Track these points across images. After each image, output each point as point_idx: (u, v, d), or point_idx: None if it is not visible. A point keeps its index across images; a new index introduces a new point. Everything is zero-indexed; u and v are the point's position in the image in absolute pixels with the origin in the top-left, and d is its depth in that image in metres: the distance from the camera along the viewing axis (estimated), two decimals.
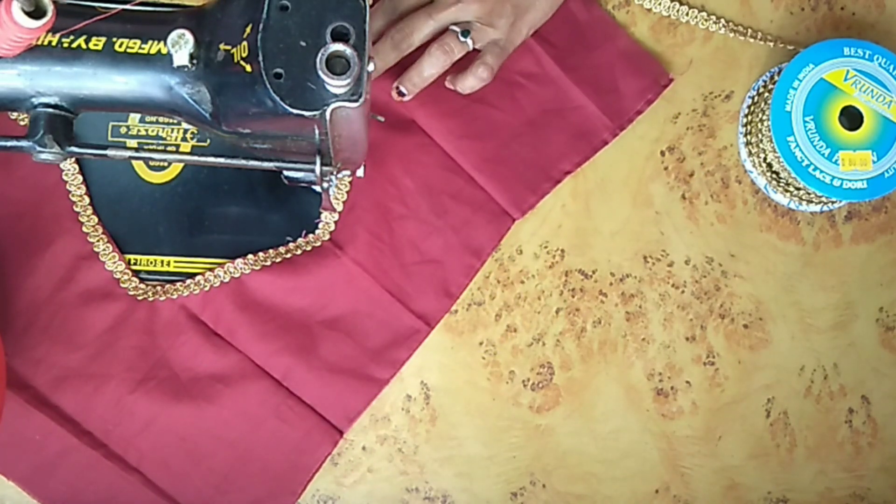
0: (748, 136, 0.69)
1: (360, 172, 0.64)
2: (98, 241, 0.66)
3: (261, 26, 0.45)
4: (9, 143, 0.50)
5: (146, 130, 0.68)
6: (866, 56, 0.66)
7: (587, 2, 0.70)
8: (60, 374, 0.65)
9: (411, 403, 0.68)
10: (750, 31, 0.71)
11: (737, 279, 0.70)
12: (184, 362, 0.65)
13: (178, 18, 0.49)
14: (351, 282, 0.66)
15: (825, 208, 0.70)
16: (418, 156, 0.68)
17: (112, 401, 0.65)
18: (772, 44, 0.71)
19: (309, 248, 0.67)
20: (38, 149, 0.49)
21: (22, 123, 0.66)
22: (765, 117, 0.67)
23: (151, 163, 0.68)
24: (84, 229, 0.66)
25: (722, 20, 0.71)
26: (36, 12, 0.40)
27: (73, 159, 0.65)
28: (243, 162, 0.54)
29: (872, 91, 0.65)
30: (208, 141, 0.69)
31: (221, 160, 0.54)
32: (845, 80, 0.65)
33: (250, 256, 0.66)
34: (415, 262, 0.67)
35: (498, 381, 0.68)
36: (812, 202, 0.69)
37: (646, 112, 0.71)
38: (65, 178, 0.66)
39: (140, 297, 0.66)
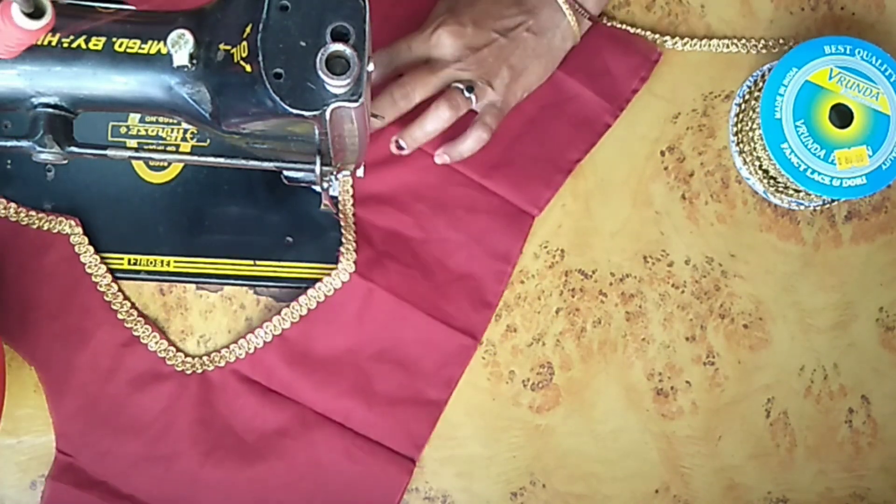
0: (741, 145, 0.69)
1: (360, 173, 0.64)
2: (136, 325, 0.66)
3: (261, 26, 0.45)
4: (9, 144, 0.50)
5: (146, 130, 0.68)
6: (847, 51, 0.66)
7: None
8: (129, 462, 0.65)
9: None
10: (735, 40, 0.71)
11: (737, 279, 0.70)
12: (246, 424, 0.65)
13: (178, 18, 0.49)
14: (390, 312, 0.66)
15: (826, 205, 0.70)
16: (424, 178, 0.68)
17: (185, 478, 0.65)
18: (764, 49, 0.71)
19: (339, 285, 0.66)
20: (38, 149, 0.49)
21: None
22: (755, 125, 0.67)
23: (151, 163, 0.68)
24: (119, 316, 0.66)
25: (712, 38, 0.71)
26: (35, 13, 0.40)
27: (94, 251, 0.66)
28: (243, 162, 0.54)
29: (858, 86, 0.65)
30: (208, 141, 0.69)
31: (221, 160, 0.54)
32: (830, 78, 0.65)
33: (285, 311, 0.66)
34: (447, 281, 0.67)
35: (498, 381, 0.68)
36: (813, 201, 0.69)
37: (646, 112, 0.71)
38: (88, 270, 0.66)
39: (189, 372, 0.66)
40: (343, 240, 0.66)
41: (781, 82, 0.65)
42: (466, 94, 0.64)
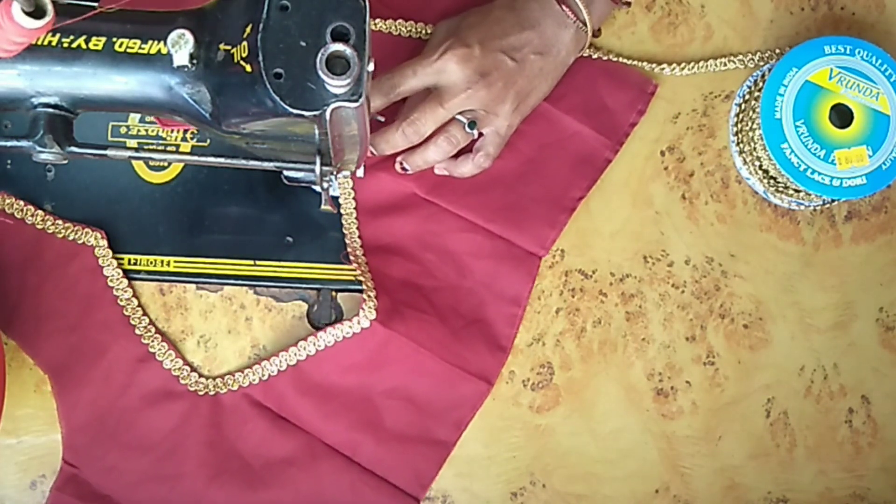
0: (741, 145, 0.69)
1: (360, 173, 0.64)
2: (153, 341, 0.66)
3: (261, 26, 0.45)
4: (9, 144, 0.50)
5: (146, 130, 0.68)
6: (847, 51, 0.66)
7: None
8: (134, 479, 0.65)
9: None
10: (732, 57, 0.71)
11: (737, 279, 0.70)
12: (254, 450, 0.65)
13: (178, 18, 0.49)
14: (408, 357, 0.66)
15: (826, 205, 0.70)
16: (430, 227, 0.68)
17: (189, 499, 0.65)
18: (761, 62, 0.71)
19: (359, 331, 0.66)
20: (38, 149, 0.49)
21: None
22: (755, 125, 0.67)
23: (151, 163, 0.68)
24: (137, 332, 0.66)
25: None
26: (36, 12, 0.40)
27: (117, 265, 0.66)
28: (243, 162, 0.54)
29: (858, 86, 0.65)
30: (208, 141, 0.69)
31: (221, 160, 0.54)
32: (830, 78, 0.65)
33: (302, 343, 0.66)
34: (462, 326, 0.67)
35: (498, 381, 0.68)
36: (814, 202, 0.69)
37: (646, 112, 0.70)
38: (111, 283, 0.66)
39: (202, 392, 0.66)
40: (364, 286, 0.65)
41: (781, 82, 0.65)
42: (468, 129, 0.64)
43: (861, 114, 0.65)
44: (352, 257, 0.67)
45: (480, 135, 0.65)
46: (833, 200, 0.69)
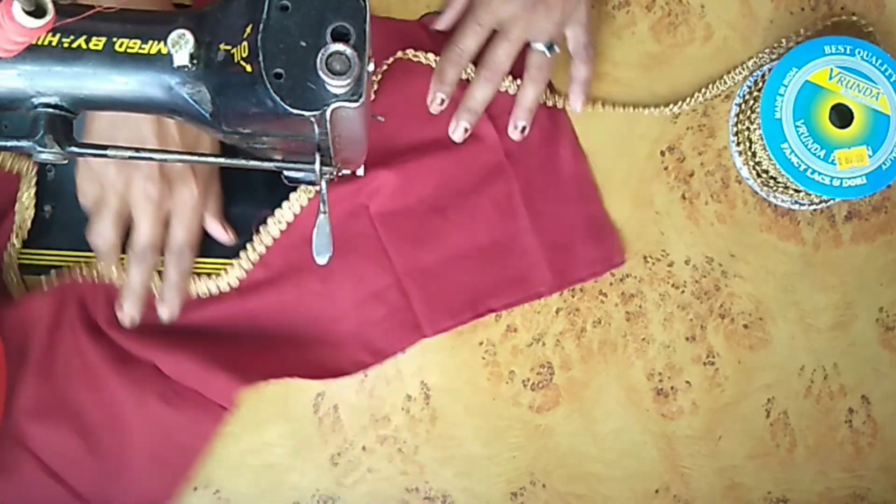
0: (741, 145, 0.69)
1: (360, 172, 0.64)
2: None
3: (261, 26, 0.45)
4: (9, 144, 0.50)
5: None
6: (848, 51, 0.66)
7: (578, 156, 0.70)
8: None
9: (411, 403, 0.68)
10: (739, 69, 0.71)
11: (737, 279, 0.70)
12: (67, 353, 0.64)
13: (178, 18, 0.49)
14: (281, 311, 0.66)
15: (825, 205, 0.70)
16: (356, 244, 0.67)
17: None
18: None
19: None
20: (38, 149, 0.49)
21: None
22: (755, 126, 0.67)
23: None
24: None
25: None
26: (36, 12, 0.40)
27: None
28: (243, 162, 0.54)
29: (858, 86, 0.65)
30: None
31: (221, 160, 0.54)
32: (830, 78, 0.65)
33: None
34: (313, 338, 0.67)
35: (498, 381, 0.68)
36: (814, 202, 0.69)
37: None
38: None
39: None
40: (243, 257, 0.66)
41: (781, 82, 0.65)
42: (548, 53, 0.65)
43: (861, 114, 0.65)
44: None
45: (565, 38, 0.67)
46: (833, 200, 0.69)
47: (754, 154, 0.68)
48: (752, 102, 0.68)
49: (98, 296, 0.65)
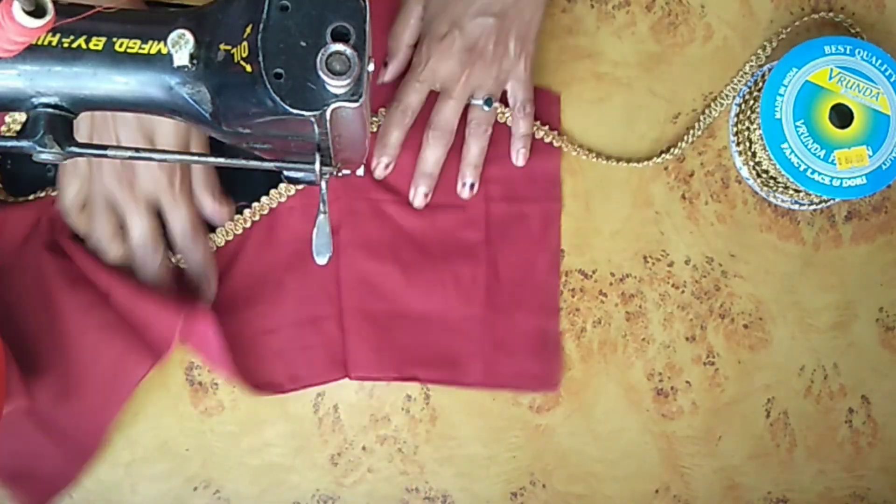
0: (741, 145, 0.69)
1: (359, 172, 0.64)
2: None
3: (261, 26, 0.45)
4: (9, 144, 0.50)
5: None
6: (847, 51, 0.66)
7: (554, 269, 0.68)
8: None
9: (411, 403, 0.68)
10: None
11: (737, 279, 0.70)
12: (27, 267, 0.64)
13: (178, 18, 0.49)
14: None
15: (825, 205, 0.70)
16: (315, 266, 0.65)
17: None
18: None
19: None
20: (38, 149, 0.49)
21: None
22: (755, 126, 0.67)
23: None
24: None
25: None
26: (36, 12, 0.40)
27: None
28: (243, 162, 0.54)
29: (858, 86, 0.65)
30: None
31: (221, 160, 0.54)
32: (830, 78, 0.65)
33: None
34: (243, 341, 0.66)
35: None
36: (814, 202, 0.69)
37: (646, 112, 0.71)
38: None
39: None
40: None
41: (781, 82, 0.65)
42: (485, 108, 0.65)
43: (861, 114, 0.65)
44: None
45: (506, 93, 0.66)
46: (833, 200, 0.69)
47: (754, 154, 0.68)
48: (752, 102, 0.68)
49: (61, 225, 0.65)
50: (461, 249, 0.68)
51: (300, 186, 0.67)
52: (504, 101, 0.67)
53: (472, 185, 0.67)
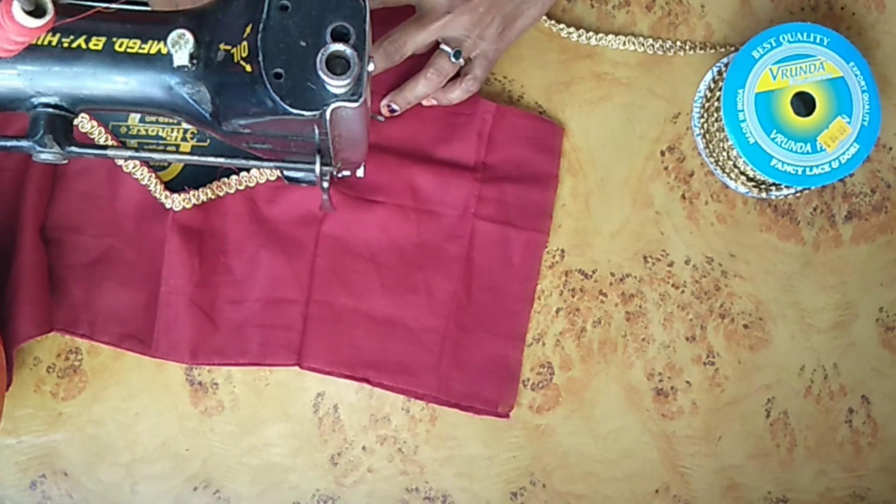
0: (731, 173, 0.68)
1: (360, 172, 0.64)
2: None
3: (261, 26, 0.45)
4: (9, 144, 0.50)
5: (146, 130, 0.68)
6: (774, 44, 0.65)
7: (527, 300, 0.68)
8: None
9: (411, 403, 0.68)
10: (679, 44, 0.71)
11: (737, 279, 0.70)
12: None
13: (179, 18, 0.49)
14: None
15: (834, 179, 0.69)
16: (294, 250, 0.67)
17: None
18: (704, 50, 0.71)
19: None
20: (39, 149, 0.49)
21: None
22: (734, 153, 0.66)
23: (151, 163, 0.68)
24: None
25: (644, 39, 0.70)
26: (36, 12, 0.40)
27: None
28: (243, 162, 0.54)
29: (800, 67, 0.65)
30: (208, 141, 0.69)
31: (221, 160, 0.54)
32: (773, 79, 0.65)
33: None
34: (205, 305, 0.67)
35: None
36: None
37: (646, 112, 0.71)
38: None
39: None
40: None
41: (736, 107, 0.65)
42: (453, 59, 0.64)
43: (819, 90, 0.65)
44: None
45: (468, 61, 0.65)
46: (841, 180, 0.68)
47: (744, 173, 0.68)
48: (718, 134, 0.67)
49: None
50: (439, 261, 0.67)
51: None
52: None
53: (392, 110, 0.66)
